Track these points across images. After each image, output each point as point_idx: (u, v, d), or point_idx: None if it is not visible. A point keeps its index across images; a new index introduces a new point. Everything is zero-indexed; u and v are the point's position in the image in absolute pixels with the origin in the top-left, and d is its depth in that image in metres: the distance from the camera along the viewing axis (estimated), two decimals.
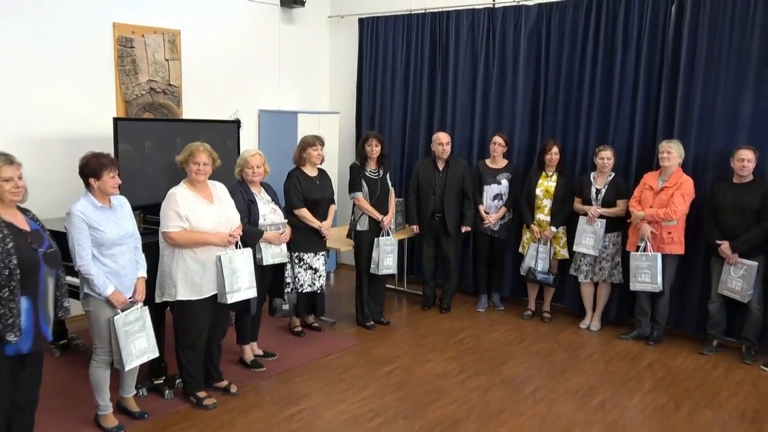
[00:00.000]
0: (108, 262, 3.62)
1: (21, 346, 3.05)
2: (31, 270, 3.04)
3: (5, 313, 2.95)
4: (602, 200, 5.67)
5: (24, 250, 3.03)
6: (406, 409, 4.32)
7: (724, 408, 4.46)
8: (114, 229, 3.63)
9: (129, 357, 3.67)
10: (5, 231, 2.99)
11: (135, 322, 3.70)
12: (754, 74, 5.25)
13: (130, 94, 5.90)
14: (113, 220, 3.65)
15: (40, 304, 3.12)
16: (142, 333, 3.75)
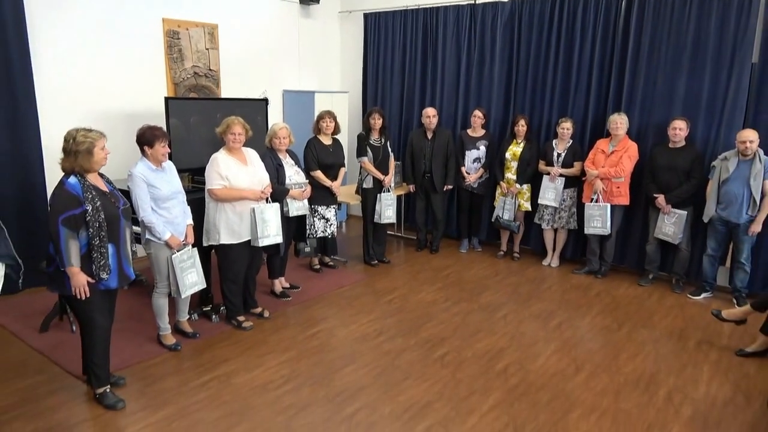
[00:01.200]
0: (164, 213, 3.63)
1: (110, 282, 3.09)
2: (114, 222, 3.05)
3: (98, 256, 2.99)
4: (562, 162, 5.62)
5: (109, 207, 3.03)
6: (403, 329, 4.37)
7: (657, 327, 4.51)
8: (167, 186, 3.62)
9: (184, 287, 3.72)
10: (93, 192, 2.99)
11: (187, 260, 3.73)
12: (687, 59, 5.15)
13: (177, 78, 5.81)
14: (166, 180, 3.64)
15: (122, 250, 3.14)
16: (192, 269, 3.79)
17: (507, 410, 3.28)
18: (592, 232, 5.41)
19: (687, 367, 3.85)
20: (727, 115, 5.02)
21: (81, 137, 2.97)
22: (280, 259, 4.88)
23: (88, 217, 2.93)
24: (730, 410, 3.34)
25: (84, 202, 2.92)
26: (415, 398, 3.39)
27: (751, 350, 3.95)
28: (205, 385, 3.48)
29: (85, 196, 2.94)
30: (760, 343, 3.94)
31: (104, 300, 3.15)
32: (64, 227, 2.89)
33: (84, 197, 2.93)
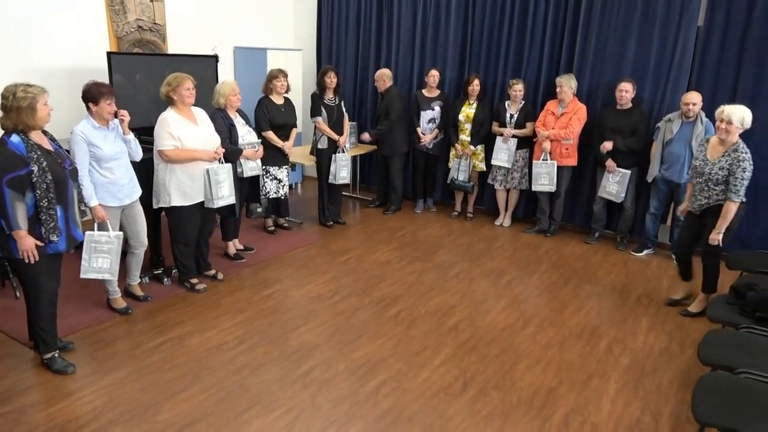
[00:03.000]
0: (107, 174, 3.50)
1: (59, 246, 3.00)
2: (61, 184, 2.93)
3: (47, 219, 2.89)
4: (515, 123, 5.70)
5: (55, 167, 2.91)
6: (358, 288, 4.44)
7: (601, 283, 4.72)
8: (110, 146, 3.49)
9: (86, 269, 3.47)
10: (38, 152, 2.86)
11: (104, 244, 3.48)
12: (637, 24, 5.25)
13: (120, 31, 5.53)
14: (110, 139, 3.50)
15: (70, 212, 3.04)
16: (108, 256, 3.49)
17: (458, 364, 3.41)
18: (540, 189, 5.55)
19: (627, 319, 4.07)
20: (672, 78, 5.17)
21: (21, 93, 2.83)
22: (234, 221, 4.83)
23: (34, 178, 2.81)
24: (665, 358, 3.57)
25: (29, 162, 2.80)
26: (369, 355, 3.48)
27: (694, 311, 4.12)
28: (158, 348, 3.47)
29: (30, 155, 2.82)
30: (699, 301, 4.14)
31: (51, 264, 3.07)
32: (8, 189, 2.77)
33: (29, 157, 2.81)
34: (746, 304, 3.25)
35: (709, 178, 3.69)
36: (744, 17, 4.82)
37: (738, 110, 3.59)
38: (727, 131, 3.60)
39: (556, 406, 3.03)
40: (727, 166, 3.63)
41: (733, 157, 3.60)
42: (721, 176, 3.66)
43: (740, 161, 3.58)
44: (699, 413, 2.32)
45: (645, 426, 2.91)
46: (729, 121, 3.57)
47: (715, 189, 3.70)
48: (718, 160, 3.67)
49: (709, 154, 3.75)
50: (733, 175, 3.59)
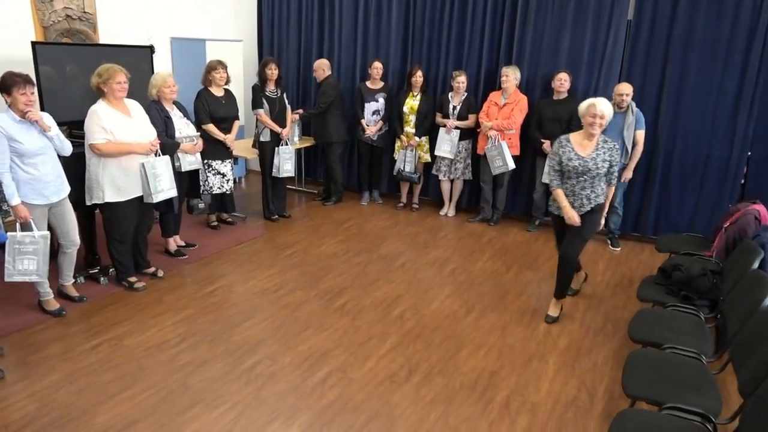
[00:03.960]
0: (30, 170, 3.34)
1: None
2: None
3: None
4: (458, 115, 5.80)
5: None
6: (303, 281, 4.43)
7: (541, 269, 4.89)
8: (33, 141, 3.33)
9: (11, 272, 3.34)
10: None
11: (29, 245, 3.35)
12: (571, 15, 5.43)
13: (47, 20, 5.26)
14: (33, 134, 3.34)
15: None
16: (33, 257, 3.37)
17: (403, 352, 3.46)
18: (499, 172, 5.61)
19: (565, 303, 4.23)
20: (605, 69, 5.38)
21: None
22: (174, 217, 4.71)
23: None
24: (600, 338, 3.74)
25: None
26: (314, 347, 3.48)
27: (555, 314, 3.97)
28: (94, 350, 3.36)
29: None
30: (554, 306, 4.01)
31: None
32: None
33: None
34: (672, 283, 3.44)
35: (597, 174, 3.60)
36: (670, 12, 5.06)
37: (607, 105, 3.54)
38: (601, 126, 3.54)
39: (498, 389, 3.13)
40: (608, 158, 3.60)
41: (608, 147, 3.61)
42: (604, 169, 3.62)
43: (615, 149, 3.62)
44: (628, 388, 2.45)
45: (581, 403, 3.04)
46: (602, 116, 3.50)
47: (600, 184, 3.67)
48: (596, 154, 3.60)
49: (581, 152, 3.63)
50: (616, 164, 3.64)
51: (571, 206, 3.71)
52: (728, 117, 5.04)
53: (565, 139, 3.70)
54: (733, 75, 4.96)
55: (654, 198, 5.43)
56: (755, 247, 3.31)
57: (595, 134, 3.58)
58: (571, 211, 3.69)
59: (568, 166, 3.65)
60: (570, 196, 3.72)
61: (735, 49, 4.90)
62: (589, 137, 3.63)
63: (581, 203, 3.70)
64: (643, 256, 5.26)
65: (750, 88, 4.91)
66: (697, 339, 2.85)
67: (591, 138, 3.62)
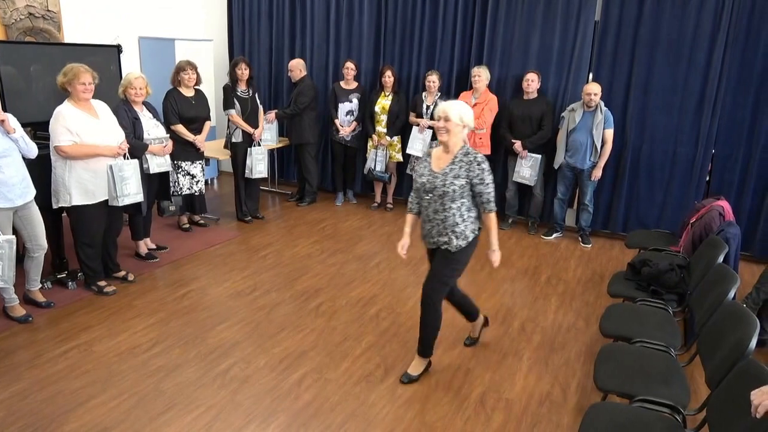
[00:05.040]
0: None
1: None
2: None
3: None
4: (431, 114, 5.83)
5: None
6: (278, 283, 4.40)
7: (514, 266, 4.94)
8: None
9: None
10: None
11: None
12: (540, 16, 5.51)
13: (8, 19, 5.12)
14: None
15: None
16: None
17: (378, 352, 3.47)
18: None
19: (538, 299, 4.29)
20: (574, 69, 5.48)
21: None
22: (144, 219, 4.63)
23: None
24: (573, 334, 3.80)
25: None
26: (290, 349, 3.46)
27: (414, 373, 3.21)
28: (63, 356, 3.28)
29: None
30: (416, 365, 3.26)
31: None
32: None
33: None
34: (642, 279, 3.52)
35: (445, 193, 2.91)
36: (636, 14, 5.18)
37: (455, 105, 2.93)
38: (447, 130, 2.88)
39: (473, 386, 3.16)
40: (464, 174, 2.90)
41: (467, 161, 2.91)
42: (458, 188, 2.90)
43: (477, 164, 2.91)
44: (600, 382, 2.50)
45: (555, 398, 3.09)
46: (446, 117, 2.88)
47: (452, 207, 2.94)
48: (449, 169, 2.92)
49: (435, 166, 3.00)
50: (483, 182, 2.92)
51: (425, 234, 3.12)
52: (693, 115, 5.18)
53: (426, 154, 3.14)
54: (697, 74, 5.09)
55: (623, 195, 5.54)
56: (720, 242, 3.41)
57: (443, 141, 2.94)
58: (405, 240, 3.17)
59: (417, 182, 3.07)
60: (424, 222, 3.11)
61: (698, 50, 5.04)
62: (444, 148, 3.00)
63: (438, 231, 3.02)
64: (613, 253, 5.36)
65: (713, 88, 5.05)
66: (665, 333, 2.92)
67: (446, 149, 2.98)
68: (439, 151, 3.04)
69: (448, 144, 2.94)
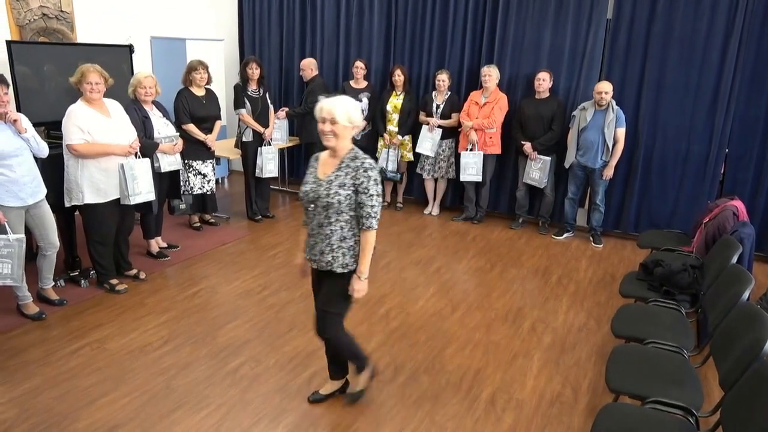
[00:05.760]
0: (6, 171, 3.27)
1: None
2: None
3: None
4: (441, 114, 5.81)
5: None
6: (288, 282, 4.40)
7: (525, 266, 4.92)
8: (8, 142, 3.26)
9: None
10: None
11: (3, 248, 3.26)
12: (552, 14, 5.47)
13: (22, 19, 5.17)
14: (7, 135, 3.27)
15: None
16: (8, 261, 3.29)
17: (388, 351, 3.46)
18: (467, 179, 5.71)
19: (549, 300, 4.27)
20: (585, 68, 5.43)
21: None
22: (155, 218, 4.66)
23: None
24: (584, 334, 3.77)
25: None
26: (299, 348, 3.46)
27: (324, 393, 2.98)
28: (75, 353, 3.30)
29: None
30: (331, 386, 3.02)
31: None
32: None
33: None
34: (654, 279, 3.49)
35: (329, 204, 2.51)
36: (648, 11, 5.12)
37: (341, 104, 2.51)
38: (335, 134, 2.49)
39: (483, 386, 3.14)
40: (350, 182, 2.50)
41: (354, 166, 2.51)
42: (343, 198, 2.50)
43: (363, 171, 2.49)
44: (612, 383, 2.47)
45: (566, 399, 3.06)
46: (332, 119, 2.47)
47: (339, 220, 2.54)
48: (335, 176, 2.53)
49: (320, 173, 2.60)
50: (366, 192, 2.49)
51: (308, 250, 2.67)
52: (706, 114, 5.12)
53: (314, 158, 2.72)
54: (711, 73, 5.03)
55: (635, 195, 5.49)
56: (734, 242, 3.36)
57: (329, 146, 2.55)
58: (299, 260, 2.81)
59: (301, 192, 2.68)
60: (309, 236, 2.67)
61: (712, 48, 4.98)
62: (331, 152, 2.60)
63: (321, 248, 2.59)
64: (624, 253, 5.32)
65: (727, 86, 4.99)
66: (678, 334, 2.88)
67: (333, 154, 2.59)
68: (326, 156, 2.63)
69: (336, 148, 2.54)
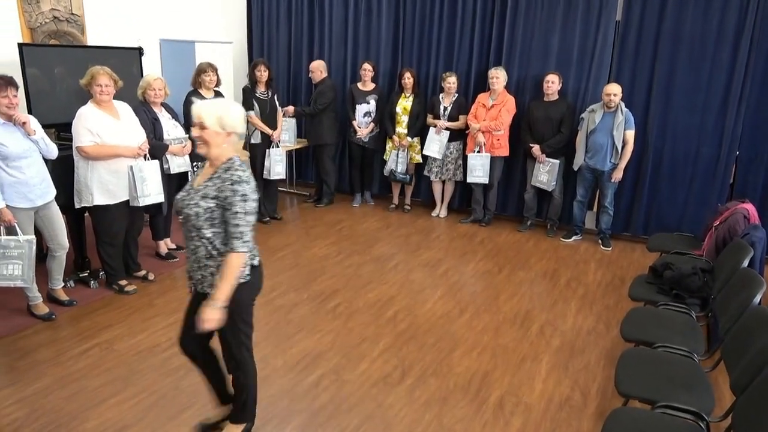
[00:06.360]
0: (15, 173, 3.30)
1: None
2: None
3: None
4: (448, 116, 5.81)
5: None
6: (296, 284, 4.40)
7: (533, 269, 4.89)
8: (18, 143, 3.28)
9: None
10: None
11: (13, 249, 3.29)
12: (560, 16, 5.45)
13: (33, 22, 5.21)
14: (17, 136, 3.29)
15: None
16: (19, 262, 3.31)
17: (396, 354, 3.45)
18: (473, 181, 5.70)
19: (557, 302, 4.24)
20: (594, 70, 5.41)
21: None
22: (164, 220, 4.68)
23: None
24: (593, 338, 3.74)
25: None
26: (307, 349, 3.46)
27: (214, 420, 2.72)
28: (84, 354, 3.32)
29: None
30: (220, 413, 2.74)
31: None
32: None
33: None
34: (664, 282, 3.46)
35: (188, 216, 2.27)
36: (658, 12, 5.10)
37: (212, 108, 2.25)
38: (204, 141, 2.24)
39: (492, 389, 3.13)
40: (214, 194, 2.23)
41: (223, 177, 2.23)
42: (203, 210, 2.23)
43: (234, 183, 2.21)
44: (621, 387, 2.45)
45: (575, 403, 3.04)
46: (201, 124, 2.22)
47: (204, 235, 2.26)
48: (205, 185, 2.26)
49: (197, 181, 2.34)
50: (230, 209, 2.21)
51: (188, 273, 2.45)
52: (716, 116, 5.08)
53: (202, 165, 2.43)
54: (721, 74, 5.00)
55: (644, 197, 5.46)
56: (745, 245, 3.33)
57: (201, 153, 2.30)
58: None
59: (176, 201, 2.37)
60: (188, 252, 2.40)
61: (723, 48, 4.95)
62: (210, 161, 2.33)
63: (190, 265, 2.41)
64: (634, 256, 5.28)
65: (737, 87, 4.95)
66: (688, 337, 2.86)
67: (211, 162, 2.33)
68: (208, 164, 2.37)
69: (209, 156, 2.28)
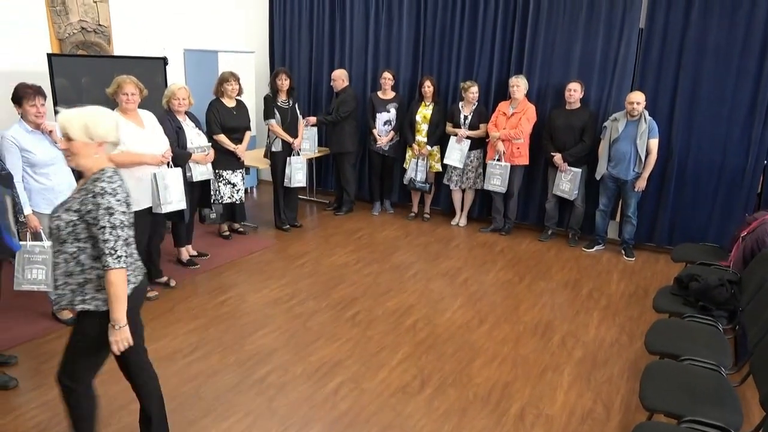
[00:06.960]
0: (43, 180, 3.38)
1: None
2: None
3: None
4: (469, 124, 5.79)
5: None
6: (315, 291, 4.41)
7: (554, 279, 4.83)
8: (45, 151, 3.36)
9: (20, 281, 3.31)
10: None
11: (38, 254, 3.33)
12: (582, 25, 5.41)
13: (62, 33, 5.34)
14: (45, 144, 3.37)
15: (1, 220, 2.90)
16: (43, 267, 3.33)
17: (415, 363, 3.43)
18: (491, 189, 5.67)
19: (579, 313, 4.18)
20: (617, 78, 5.35)
21: None
22: (186, 227, 4.73)
23: None
24: (616, 349, 3.67)
25: None
26: (326, 357, 3.46)
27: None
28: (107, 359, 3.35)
29: None
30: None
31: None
32: None
33: None
34: (689, 294, 3.38)
35: (50, 229, 2.14)
36: (682, 20, 5.03)
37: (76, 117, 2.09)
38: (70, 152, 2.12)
39: (512, 400, 3.08)
40: (76, 207, 2.07)
41: (89, 189, 2.07)
42: (63, 224, 2.07)
43: (97, 195, 2.04)
44: (646, 400, 2.40)
45: (597, 416, 2.98)
46: (67, 136, 2.08)
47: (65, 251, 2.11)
48: (71, 198, 2.14)
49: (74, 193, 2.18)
50: (96, 223, 2.04)
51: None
52: (743, 125, 4.98)
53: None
54: (747, 83, 4.90)
55: (668, 207, 5.36)
56: None
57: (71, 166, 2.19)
58: None
59: None
60: None
61: (749, 57, 4.85)
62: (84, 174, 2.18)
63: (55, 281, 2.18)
64: (658, 266, 5.19)
65: (764, 96, 4.85)
66: (715, 350, 2.79)
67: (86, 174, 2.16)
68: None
69: (80, 168, 2.14)
